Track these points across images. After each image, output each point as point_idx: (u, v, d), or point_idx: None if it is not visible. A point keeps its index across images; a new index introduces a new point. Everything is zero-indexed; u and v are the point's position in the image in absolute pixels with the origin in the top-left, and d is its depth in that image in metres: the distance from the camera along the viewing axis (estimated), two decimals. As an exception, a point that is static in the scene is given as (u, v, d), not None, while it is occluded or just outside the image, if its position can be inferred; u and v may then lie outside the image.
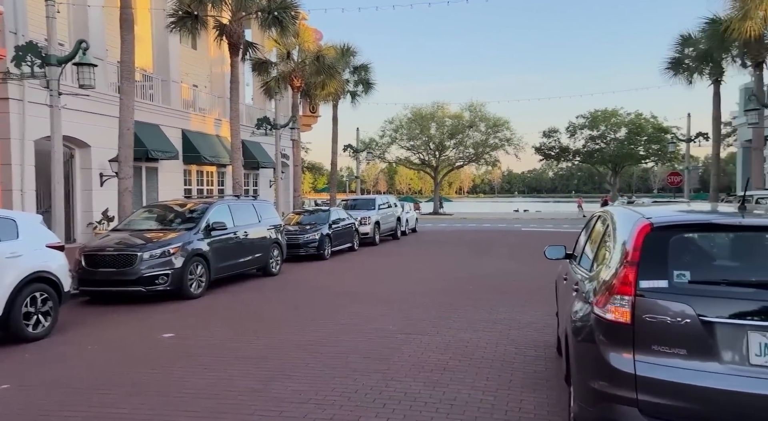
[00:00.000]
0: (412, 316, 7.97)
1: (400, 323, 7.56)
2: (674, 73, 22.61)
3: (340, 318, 7.92)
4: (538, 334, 6.97)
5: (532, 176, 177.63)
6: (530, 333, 7.01)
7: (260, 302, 9.54)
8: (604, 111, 43.63)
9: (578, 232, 5.44)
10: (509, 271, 12.77)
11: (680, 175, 27.10)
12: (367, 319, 7.84)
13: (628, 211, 3.75)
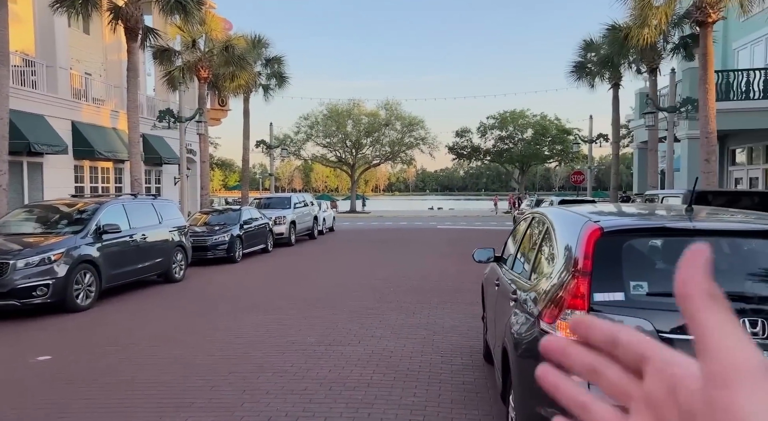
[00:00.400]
0: (330, 324, 7.42)
1: (319, 332, 6.99)
2: (578, 77, 23.71)
3: (251, 330, 7.21)
4: (462, 339, 6.69)
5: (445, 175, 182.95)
6: (455, 339, 6.71)
7: (159, 313, 8.56)
8: (513, 112, 45.40)
9: (491, 229, 5.24)
10: (430, 270, 12.57)
11: (583, 175, 28.60)
12: (281, 330, 7.19)
13: (568, 213, 3.45)
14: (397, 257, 15.32)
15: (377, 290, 10.00)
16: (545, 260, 3.37)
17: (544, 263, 3.38)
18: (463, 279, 11.25)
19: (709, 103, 13.91)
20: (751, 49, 19.61)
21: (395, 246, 18.37)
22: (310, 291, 10.07)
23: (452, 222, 33.19)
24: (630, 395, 0.36)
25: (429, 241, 20.37)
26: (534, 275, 3.51)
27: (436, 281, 10.98)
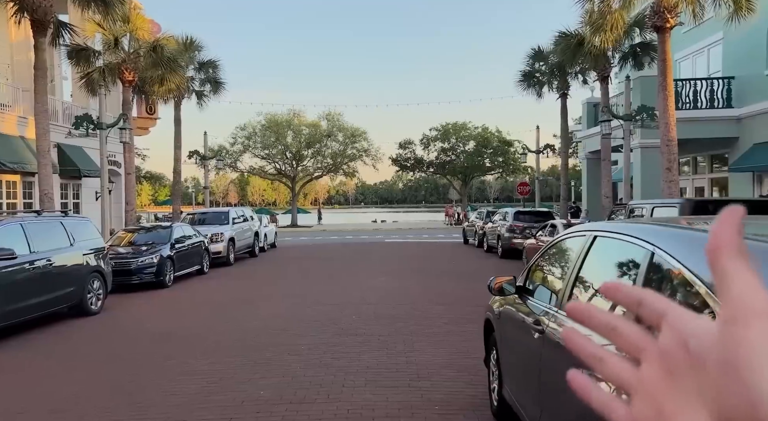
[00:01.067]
0: (287, 370, 5.98)
1: (274, 384, 5.53)
2: (527, 86, 23.46)
3: (186, 383, 5.65)
4: (458, 385, 5.45)
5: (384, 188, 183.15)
6: (448, 385, 5.46)
7: (64, 358, 6.79)
8: (454, 124, 45.31)
9: (441, 242, 4.12)
10: (390, 292, 11.30)
11: (529, 186, 28.45)
12: (224, 382, 5.67)
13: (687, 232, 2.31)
14: (350, 276, 13.95)
15: (336, 319, 8.61)
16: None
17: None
18: (431, 301, 10.06)
19: (669, 110, 13.59)
20: (693, 60, 19.92)
21: (345, 264, 16.99)
22: (255, 322, 8.54)
23: (400, 235, 32.16)
24: (645, 349, 0.38)
25: (380, 256, 19.13)
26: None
27: (401, 305, 9.72)
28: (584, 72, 22.42)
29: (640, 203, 8.62)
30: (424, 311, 9.17)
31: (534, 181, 26.87)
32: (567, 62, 18.76)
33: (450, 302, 9.97)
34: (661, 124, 13.75)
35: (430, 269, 15.29)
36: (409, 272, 14.66)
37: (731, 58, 17.63)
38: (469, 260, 18.00)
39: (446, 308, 9.43)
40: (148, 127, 28.41)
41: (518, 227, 17.66)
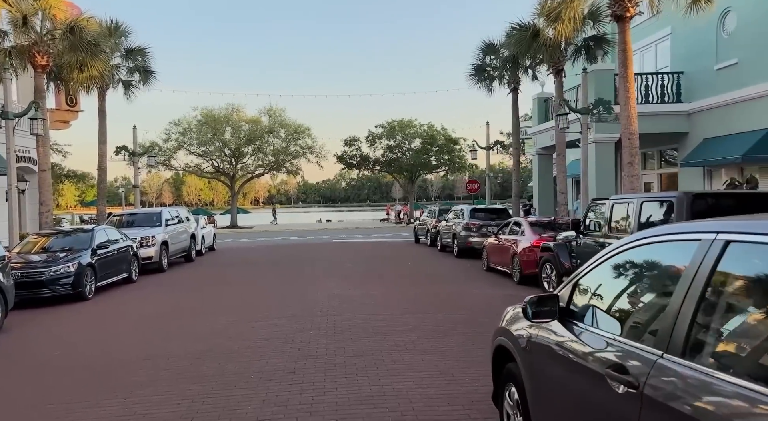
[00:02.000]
0: (234, 412, 4.73)
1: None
2: (477, 80, 22.86)
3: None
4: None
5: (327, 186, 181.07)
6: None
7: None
8: (400, 121, 44.53)
9: (391, 241, 3.17)
10: (347, 300, 10.15)
11: (478, 183, 28.00)
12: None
13: None
14: (301, 282, 12.68)
15: (291, 337, 7.38)
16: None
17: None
18: (396, 309, 9.00)
19: (630, 103, 13.18)
20: (641, 56, 19.91)
21: (295, 267, 15.65)
22: (191, 343, 7.17)
23: (347, 235, 30.97)
24: None
25: (332, 258, 17.90)
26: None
27: (364, 316, 8.60)
28: (535, 67, 22.06)
29: (625, 198, 7.91)
30: (391, 322, 8.09)
31: (485, 179, 26.40)
32: (521, 55, 18.23)
33: (418, 310, 8.95)
34: (622, 117, 13.33)
35: (387, 271, 14.24)
36: (365, 275, 13.55)
37: (680, 53, 17.64)
38: (426, 260, 17.11)
39: (415, 317, 8.40)
40: (69, 120, 25.79)
41: (474, 225, 16.94)
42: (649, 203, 7.21)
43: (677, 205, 6.50)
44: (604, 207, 8.34)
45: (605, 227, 8.10)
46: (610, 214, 8.05)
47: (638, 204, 7.32)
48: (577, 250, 8.98)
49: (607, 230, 8.06)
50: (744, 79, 14.71)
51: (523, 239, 11.77)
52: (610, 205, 8.12)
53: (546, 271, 9.97)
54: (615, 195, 8.55)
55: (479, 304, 9.48)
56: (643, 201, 7.27)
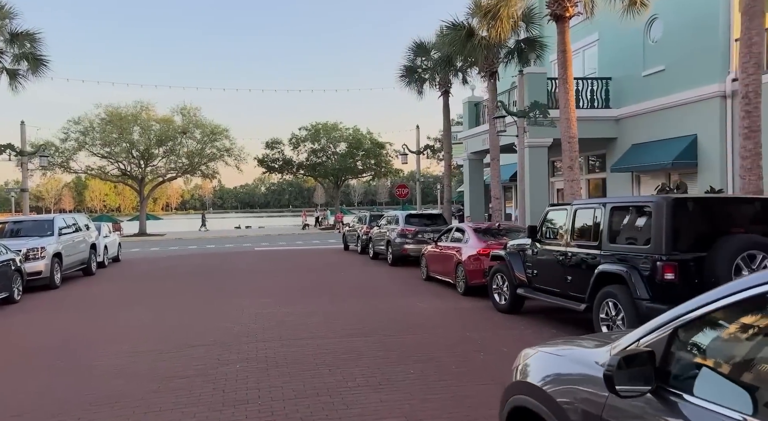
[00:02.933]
0: None
1: None
2: (408, 82, 22.19)
3: None
4: None
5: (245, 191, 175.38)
6: None
7: None
8: (325, 124, 43.31)
9: (317, 248, 2.26)
10: (285, 320, 8.83)
11: (407, 188, 27.38)
12: None
13: None
14: (219, 299, 11.14)
15: (211, 373, 6.01)
16: None
17: None
18: (339, 331, 7.83)
19: (570, 105, 12.87)
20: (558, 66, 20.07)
21: (211, 281, 13.99)
22: (85, 386, 5.61)
23: (270, 242, 29.23)
24: None
25: (254, 269, 16.34)
26: None
27: (302, 342, 7.36)
28: (466, 70, 21.75)
29: (590, 203, 7.26)
30: (335, 348, 6.91)
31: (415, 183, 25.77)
32: (456, 55, 17.70)
33: (362, 331, 7.83)
34: (562, 120, 13.00)
35: (319, 283, 12.99)
36: (296, 288, 12.22)
37: (607, 59, 17.83)
38: (359, 269, 16.01)
39: (361, 340, 7.28)
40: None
41: (410, 231, 16.09)
42: (621, 209, 6.56)
43: (656, 210, 5.87)
44: (564, 213, 7.66)
45: (567, 234, 7.41)
46: (573, 220, 7.37)
47: (608, 210, 6.67)
48: (532, 260, 8.26)
49: (569, 238, 7.36)
50: (671, 86, 14.96)
51: (467, 246, 10.99)
52: (572, 210, 7.44)
53: (497, 282, 9.21)
54: (578, 199, 7.93)
55: (428, 320, 8.52)
56: (615, 206, 6.62)
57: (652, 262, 5.79)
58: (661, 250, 5.74)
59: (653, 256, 5.80)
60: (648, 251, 5.91)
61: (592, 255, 6.81)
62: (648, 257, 5.88)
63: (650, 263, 5.83)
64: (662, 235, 5.75)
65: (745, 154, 7.99)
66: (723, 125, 13.47)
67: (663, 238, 5.74)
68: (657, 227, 5.82)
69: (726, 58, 13.40)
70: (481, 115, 21.39)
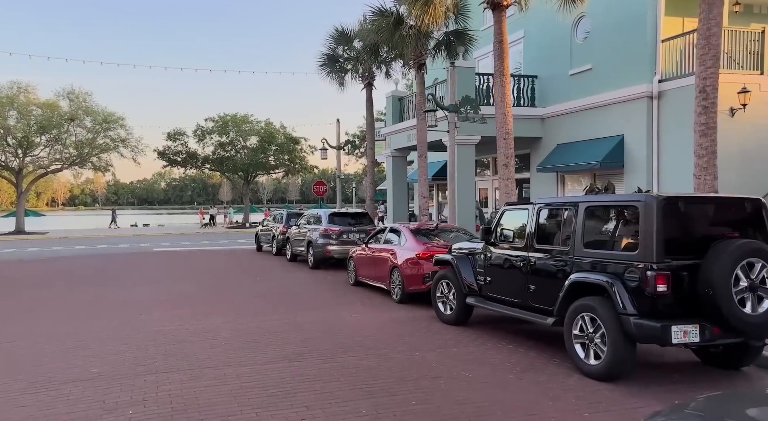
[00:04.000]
0: None
1: None
2: (329, 72, 20.85)
3: None
4: None
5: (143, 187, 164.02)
6: None
7: None
8: (234, 116, 40.62)
9: (225, 249, 1.54)
10: (190, 338, 7.23)
11: (325, 185, 26.01)
12: None
13: None
14: (108, 313, 9.24)
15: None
16: None
17: None
18: (258, 356, 6.42)
19: (506, 98, 12.27)
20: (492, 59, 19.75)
21: (99, 289, 11.85)
22: None
23: (171, 242, 26.58)
24: None
25: (152, 274, 14.25)
26: None
27: (214, 372, 5.88)
28: (389, 63, 20.80)
29: (558, 202, 6.41)
30: (260, 381, 5.52)
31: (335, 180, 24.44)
32: (382, 44, 16.63)
33: (291, 354, 6.48)
34: (498, 115, 12.37)
35: (232, 291, 11.36)
36: (204, 297, 10.52)
37: (533, 57, 17.64)
38: (277, 273, 14.47)
39: (292, 368, 5.94)
40: None
41: (334, 231, 14.81)
42: (599, 209, 5.77)
43: (644, 211, 5.10)
44: (525, 213, 6.80)
45: (530, 238, 6.54)
46: (536, 221, 6.52)
47: (582, 210, 5.85)
48: (486, 265, 7.35)
49: (533, 241, 6.50)
50: (598, 86, 14.90)
51: (403, 249, 9.94)
52: (535, 210, 6.58)
53: (442, 290, 8.23)
54: (541, 197, 7.10)
55: (367, 337, 7.34)
56: (590, 206, 5.81)
57: (642, 271, 5.01)
58: (652, 257, 4.97)
59: (642, 264, 5.03)
60: (635, 258, 5.13)
61: (563, 262, 5.97)
62: (635, 264, 5.10)
63: (639, 272, 5.05)
64: (653, 239, 4.99)
65: (701, 153, 7.60)
66: (650, 126, 13.52)
67: (654, 243, 4.98)
68: (646, 230, 5.05)
69: (653, 59, 13.46)
70: (405, 111, 20.55)
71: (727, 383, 5.38)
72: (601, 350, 5.35)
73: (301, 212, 19.39)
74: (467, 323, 8.06)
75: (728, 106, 12.33)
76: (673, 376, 5.61)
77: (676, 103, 12.94)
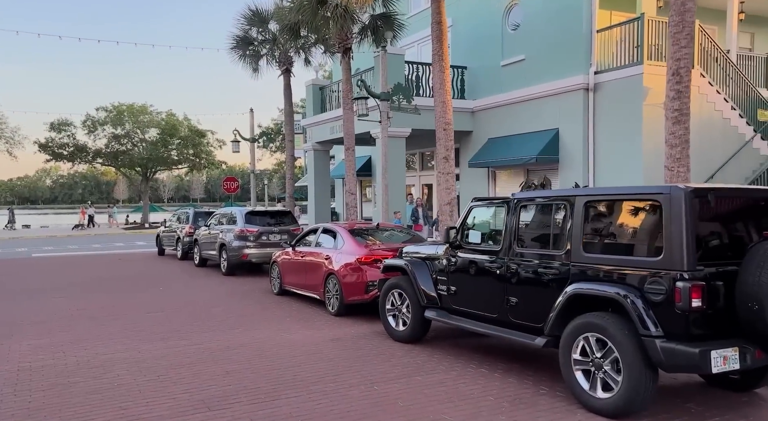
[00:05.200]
0: None
1: None
2: (241, 55, 18.86)
3: None
4: None
5: (24, 184, 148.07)
6: None
7: None
8: (131, 106, 36.81)
9: (137, 253, 0.49)
10: (72, 379, 5.38)
11: (237, 181, 23.85)
12: None
13: None
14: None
15: None
16: None
17: None
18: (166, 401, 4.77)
19: (445, 85, 11.22)
20: (419, 49, 18.82)
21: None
22: None
23: (55, 246, 23.14)
24: None
25: (27, 286, 11.71)
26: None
27: None
28: (309, 49, 19.21)
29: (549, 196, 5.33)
30: None
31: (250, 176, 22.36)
32: (304, 25, 15.04)
33: (213, 399, 4.89)
34: (437, 104, 11.30)
35: (129, 306, 9.34)
36: (92, 317, 8.47)
37: (462, 47, 16.85)
38: (184, 281, 12.46)
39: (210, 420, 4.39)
40: None
41: (252, 232, 13.06)
42: (604, 204, 4.75)
43: (670, 206, 4.12)
44: (501, 210, 5.69)
45: (509, 239, 5.44)
46: (517, 220, 5.42)
47: (581, 205, 4.81)
48: (449, 272, 6.17)
49: (512, 244, 5.40)
50: (532, 77, 14.35)
51: (341, 253, 8.55)
52: (515, 206, 5.48)
53: (393, 301, 6.96)
54: (522, 191, 6.00)
55: (307, 366, 5.91)
56: (592, 200, 4.78)
57: (669, 281, 4.03)
58: (682, 264, 4.00)
59: (670, 272, 4.04)
60: (659, 265, 4.14)
61: (555, 269, 4.91)
62: (660, 273, 4.11)
63: (665, 282, 4.06)
64: (682, 242, 4.02)
65: (674, 142, 6.93)
66: (586, 119, 13.11)
67: (684, 246, 4.01)
68: (673, 230, 4.07)
69: (588, 50, 13.05)
70: (328, 101, 19.06)
71: (750, 410, 4.57)
72: (613, 379, 4.33)
73: (210, 210, 17.29)
74: (423, 339, 6.86)
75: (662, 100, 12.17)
76: (688, 404, 4.73)
77: (613, 95, 12.61)
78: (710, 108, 12.68)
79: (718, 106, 12.81)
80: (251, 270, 13.63)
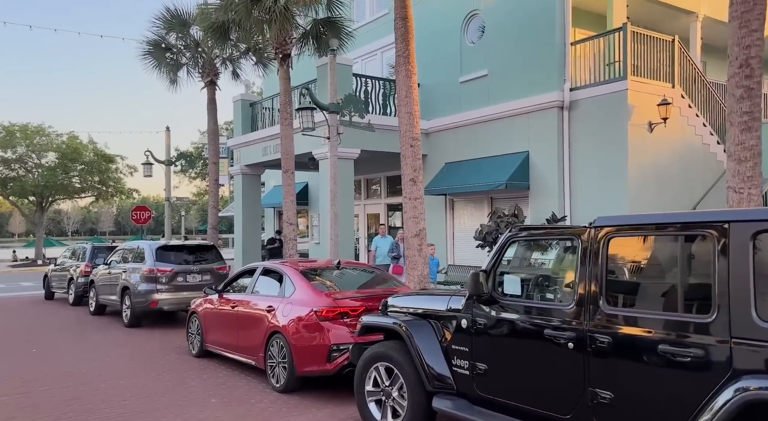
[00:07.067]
0: None
1: None
2: (156, 64, 16.12)
3: None
4: None
5: None
6: None
7: None
8: (24, 127, 32.24)
9: (19, 298, 0.46)
10: None
11: (149, 211, 20.58)
12: None
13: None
14: None
15: None
16: None
17: None
18: None
19: (412, 92, 9.28)
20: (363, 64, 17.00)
21: None
22: None
23: None
24: None
25: None
26: None
27: None
28: (237, 60, 16.89)
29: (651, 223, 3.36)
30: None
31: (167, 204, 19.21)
32: (236, 26, 12.75)
33: None
34: (402, 115, 9.33)
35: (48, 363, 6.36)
36: None
37: (414, 63, 15.11)
38: (70, 337, 9.37)
39: None
40: None
41: (165, 272, 10.26)
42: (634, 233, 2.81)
43: None
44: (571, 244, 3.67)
45: (589, 293, 3.38)
46: (603, 260, 3.39)
47: (744, 237, 2.85)
48: (475, 339, 4.03)
49: (600, 299, 3.35)
50: (497, 94, 12.81)
51: (288, 303, 6.16)
52: (600, 239, 3.46)
53: (378, 379, 4.68)
54: (611, 215, 3.96)
55: None
56: (765, 229, 2.83)
57: None
58: None
59: None
60: None
61: (700, 350, 2.89)
62: None
63: None
64: None
65: (743, 155, 5.28)
66: (560, 141, 11.63)
67: None
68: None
69: (562, 64, 11.69)
70: (260, 118, 16.64)
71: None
72: None
73: (113, 245, 14.16)
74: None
75: (647, 119, 10.98)
76: None
77: (591, 114, 11.25)
78: (691, 132, 11.65)
79: (698, 131, 11.82)
80: (161, 318, 10.76)
